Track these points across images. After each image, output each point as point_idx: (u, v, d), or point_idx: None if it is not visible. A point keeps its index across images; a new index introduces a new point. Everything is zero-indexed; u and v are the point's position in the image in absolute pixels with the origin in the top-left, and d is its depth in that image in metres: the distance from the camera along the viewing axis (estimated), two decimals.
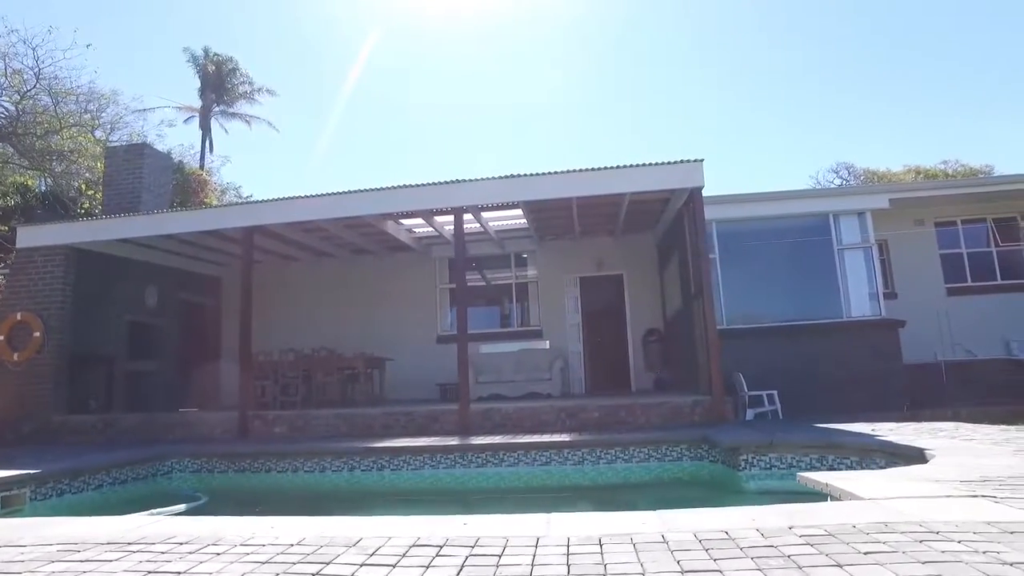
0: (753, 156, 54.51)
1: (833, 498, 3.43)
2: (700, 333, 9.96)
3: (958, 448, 4.99)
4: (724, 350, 11.72)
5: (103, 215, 11.97)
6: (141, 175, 12.25)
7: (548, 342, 13.47)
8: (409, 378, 13.31)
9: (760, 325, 12.13)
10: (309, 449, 7.82)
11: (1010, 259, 13.05)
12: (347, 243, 12.84)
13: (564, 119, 58.27)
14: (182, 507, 5.63)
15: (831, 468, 5.91)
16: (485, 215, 11.54)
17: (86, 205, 16.15)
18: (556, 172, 9.37)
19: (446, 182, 9.65)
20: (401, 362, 13.28)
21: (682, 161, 9.04)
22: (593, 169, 9.24)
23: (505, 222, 12.21)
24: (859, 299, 12.03)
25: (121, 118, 27.42)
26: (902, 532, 2.45)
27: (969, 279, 13.09)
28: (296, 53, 52.52)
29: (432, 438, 8.12)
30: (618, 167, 9.17)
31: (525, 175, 9.43)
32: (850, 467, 5.74)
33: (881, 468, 5.29)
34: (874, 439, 5.81)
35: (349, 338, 13.24)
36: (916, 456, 4.96)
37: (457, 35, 54.48)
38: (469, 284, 14.38)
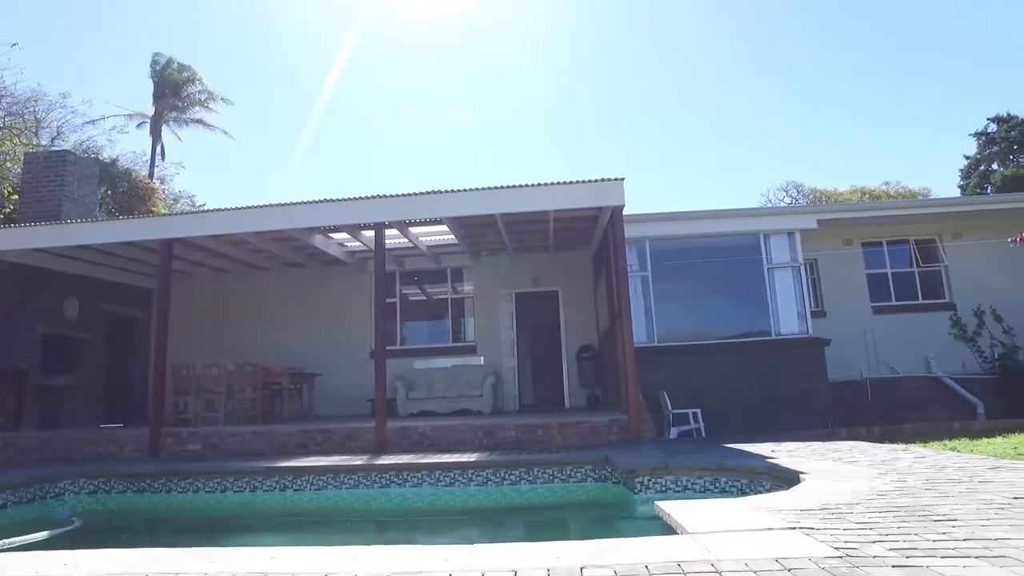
0: (710, 174, 55.44)
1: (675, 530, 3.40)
2: (620, 352, 9.98)
3: (831, 471, 5.03)
4: (655, 368, 11.84)
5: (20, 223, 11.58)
6: (63, 183, 11.89)
7: (482, 358, 13.40)
8: (343, 393, 13.13)
9: (691, 343, 12.24)
10: (211, 468, 7.61)
11: (930, 279, 13.40)
12: (279, 257, 12.63)
13: (540, 129, 58.61)
14: (45, 534, 5.37)
15: (723, 491, 5.94)
16: (415, 230, 11.46)
17: (7, 210, 15.62)
18: (478, 188, 9.34)
19: (367, 197, 9.56)
20: (335, 377, 13.10)
21: (603, 179, 9.07)
22: (514, 186, 9.23)
23: (438, 237, 12.14)
24: (788, 317, 12.22)
25: (67, 122, 26.76)
26: (688, 573, 2.42)
27: (893, 298, 13.40)
28: (264, 62, 51.96)
29: (337, 457, 7.97)
30: (539, 184, 9.18)
31: (447, 191, 9.37)
32: (740, 490, 5.76)
33: (766, 491, 5.30)
34: (764, 462, 5.85)
35: (283, 352, 13.02)
36: (793, 479, 5.00)
37: (433, 43, 54.49)
38: (411, 299, 14.47)
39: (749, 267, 12.43)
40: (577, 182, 9.11)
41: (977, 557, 2.48)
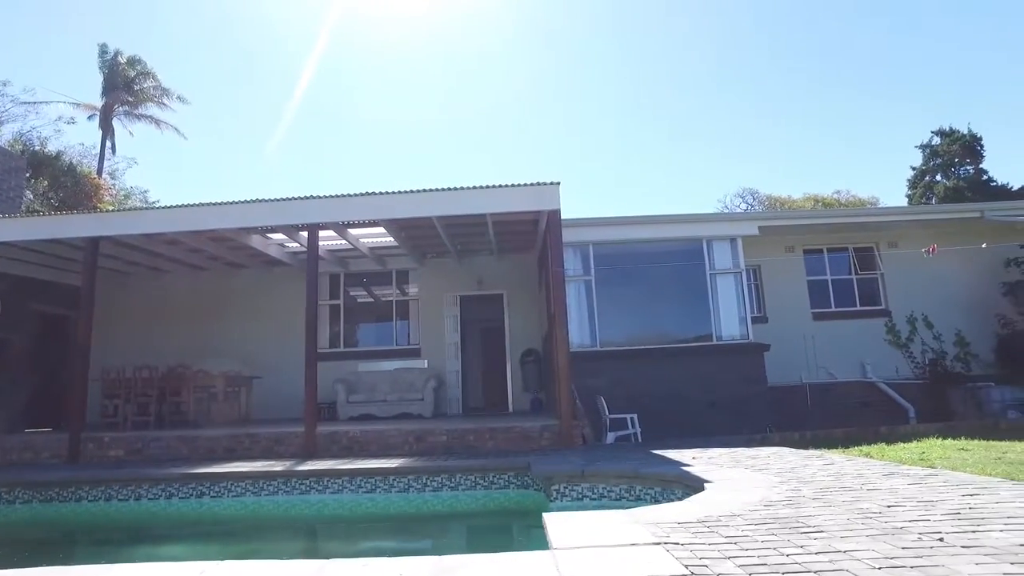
0: (669, 178, 56.08)
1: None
2: (555, 356, 9.96)
3: (736, 480, 5.06)
4: (597, 372, 11.87)
5: None
6: None
7: (426, 361, 13.29)
8: (286, 396, 12.86)
9: (634, 347, 12.28)
10: (125, 475, 7.36)
11: (868, 286, 13.68)
12: (219, 257, 12.34)
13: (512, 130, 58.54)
14: None
15: (637, 499, 5.93)
16: (356, 232, 11.32)
17: None
18: (412, 190, 9.24)
19: (300, 197, 9.39)
20: (277, 380, 12.86)
21: (538, 183, 9.04)
22: (449, 189, 9.16)
23: (381, 239, 12.00)
24: (729, 323, 12.35)
25: (7, 111, 25.87)
26: None
27: (833, 305, 13.64)
28: (229, 58, 50.96)
29: (258, 463, 7.79)
30: (475, 187, 9.12)
31: (381, 192, 9.25)
32: (653, 498, 5.75)
33: (677, 499, 5.29)
34: (677, 470, 5.86)
35: (225, 354, 12.76)
36: (698, 488, 5.02)
37: (402, 42, 54.06)
38: (356, 301, 14.27)
39: (692, 272, 12.53)
40: (513, 185, 9.08)
41: (816, 572, 2.48)
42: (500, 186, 9.10)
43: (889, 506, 3.71)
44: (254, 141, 55.46)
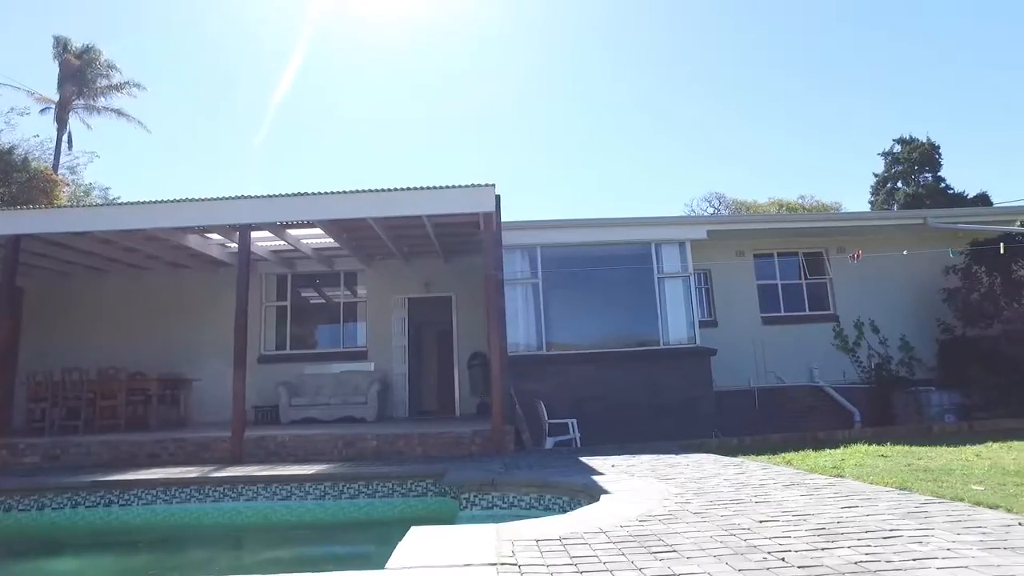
0: (640, 182, 56.36)
1: None
2: (498, 360, 9.84)
3: (636, 491, 4.98)
4: (544, 376, 11.77)
5: None
6: None
7: (372, 364, 13.09)
8: (227, 399, 12.58)
9: (581, 351, 12.21)
10: (27, 484, 7.09)
11: (817, 291, 13.74)
12: (158, 257, 12.04)
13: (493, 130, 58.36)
14: None
15: (547, 508, 5.84)
16: (297, 232, 11.10)
17: None
18: (347, 191, 9.07)
19: (231, 197, 9.18)
20: (221, 382, 12.49)
21: (473, 185, 8.92)
22: (383, 190, 9.01)
23: (325, 241, 11.77)
24: (677, 327, 12.31)
25: None
26: None
27: (782, 309, 13.67)
28: (204, 55, 50.19)
29: (175, 469, 7.59)
30: (408, 188, 8.98)
31: (315, 193, 9.08)
32: (562, 507, 5.65)
33: (582, 507, 5.20)
34: (585, 479, 5.76)
35: (167, 356, 12.53)
36: (597, 498, 4.92)
37: (385, 41, 53.63)
38: (302, 303, 14.02)
39: (640, 276, 12.48)
40: (447, 187, 8.95)
41: None
42: (434, 187, 8.97)
43: (762, 521, 3.63)
44: (238, 139, 54.71)
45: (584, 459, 7.61)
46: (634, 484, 5.29)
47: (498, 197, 10.30)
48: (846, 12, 46.30)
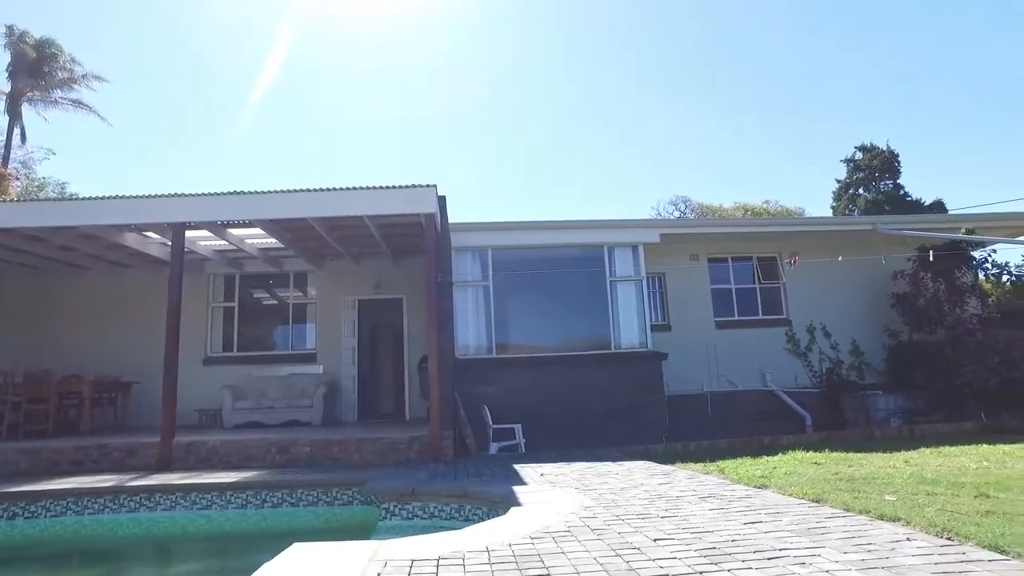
0: (608, 185, 56.60)
1: None
2: (438, 364, 9.66)
3: (546, 503, 4.85)
4: (494, 380, 11.61)
5: None
6: None
7: (321, 366, 12.82)
8: None
9: (532, 355, 12.08)
10: None
11: (771, 295, 13.77)
12: (99, 256, 11.63)
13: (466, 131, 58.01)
14: None
15: (466, 519, 5.68)
16: (239, 232, 10.79)
17: None
18: (284, 191, 8.84)
19: (165, 195, 8.88)
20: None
21: (413, 186, 8.74)
22: (320, 190, 8.79)
23: (270, 240, 11.48)
24: (629, 331, 12.24)
25: None
26: None
27: (736, 313, 13.69)
28: (182, 52, 49.17)
29: (89, 477, 7.27)
30: (347, 188, 8.78)
31: (251, 192, 8.83)
32: (481, 518, 5.48)
33: (494, 518, 5.06)
34: (503, 489, 5.63)
35: (107, 358, 12.14)
36: (508, 510, 4.79)
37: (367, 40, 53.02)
38: (251, 304, 13.69)
39: (593, 279, 12.38)
40: (387, 187, 8.75)
41: None
42: (374, 188, 8.77)
43: (656, 540, 3.51)
44: (216, 137, 53.73)
45: (520, 466, 7.48)
46: (550, 496, 5.16)
47: (443, 198, 10.15)
48: (814, 21, 46.92)
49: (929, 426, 10.50)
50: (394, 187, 8.75)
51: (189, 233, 10.46)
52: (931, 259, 11.88)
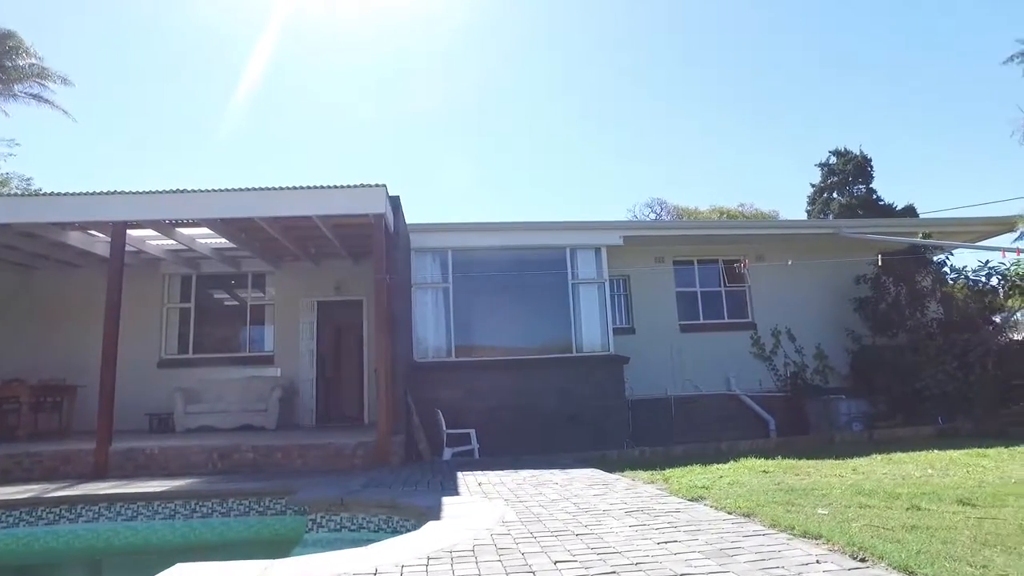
0: (585, 187, 56.63)
1: None
2: (388, 366, 9.44)
3: (463, 516, 4.66)
4: (452, 384, 11.41)
5: None
6: None
7: (279, 369, 12.55)
8: (122, 406, 11.83)
9: (492, 358, 11.90)
10: None
11: (736, 299, 13.69)
12: (44, 255, 11.28)
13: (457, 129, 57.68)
14: None
15: (395, 531, 5.46)
16: (190, 232, 10.51)
17: None
18: (229, 189, 8.59)
19: (105, 192, 8.60)
20: (116, 388, 11.84)
21: (361, 185, 8.53)
22: (267, 188, 8.55)
23: (223, 240, 11.19)
24: (591, 334, 12.10)
25: None
26: None
27: (701, 317, 13.58)
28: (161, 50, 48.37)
29: (17, 487, 6.97)
30: (292, 188, 8.54)
31: (194, 190, 8.57)
32: (408, 529, 5.28)
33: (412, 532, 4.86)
34: (429, 500, 5.44)
35: (54, 361, 11.75)
36: (428, 522, 4.60)
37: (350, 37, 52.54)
38: (208, 305, 13.35)
39: (555, 282, 12.23)
40: (333, 187, 8.55)
41: None
42: (321, 187, 8.55)
43: (558, 562, 3.33)
44: (199, 134, 52.97)
45: (464, 474, 7.29)
46: (474, 508, 4.97)
47: (396, 198, 9.98)
48: (791, 25, 47.21)
49: (888, 431, 10.46)
50: (341, 187, 8.54)
51: (137, 232, 10.25)
52: (887, 263, 11.85)
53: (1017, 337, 13.07)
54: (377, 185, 8.54)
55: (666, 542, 3.65)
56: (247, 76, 43.10)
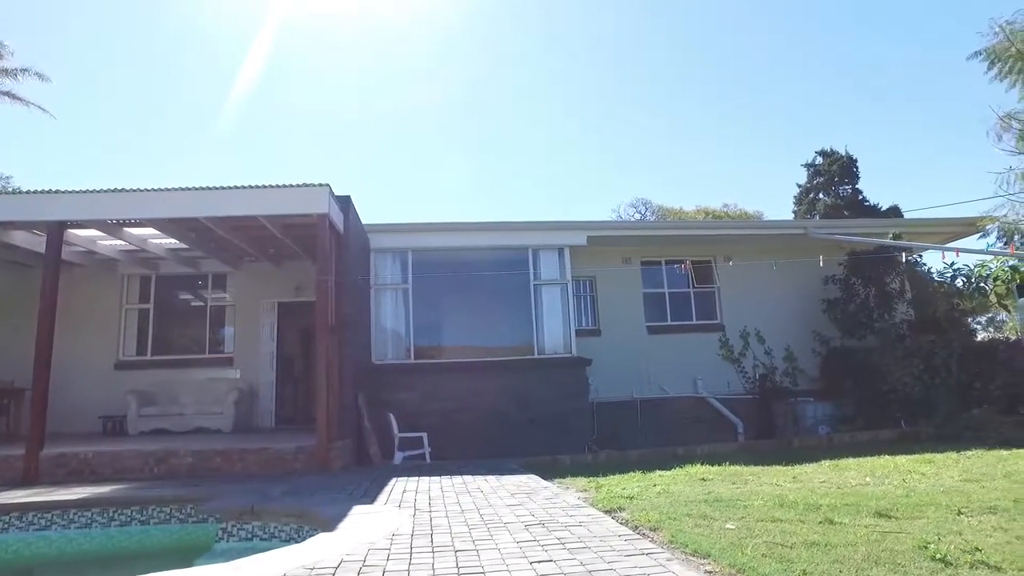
0: (573, 185, 56.46)
1: None
2: (332, 368, 9.26)
3: (367, 527, 4.48)
4: (410, 386, 11.24)
5: None
6: None
7: (238, 371, 12.37)
8: (78, 408, 11.72)
9: (451, 360, 11.72)
10: None
11: (705, 300, 13.51)
12: None
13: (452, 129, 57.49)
14: None
15: (304, 540, 5.28)
16: (139, 232, 10.31)
17: None
18: (168, 189, 8.40)
19: (42, 192, 8.41)
20: (67, 390, 11.65)
21: (304, 185, 8.35)
22: (207, 188, 8.37)
23: (175, 240, 11.00)
24: (553, 336, 11.92)
25: None
26: None
27: (669, 318, 13.40)
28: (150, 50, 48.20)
29: None
30: (233, 187, 8.38)
31: (134, 190, 8.38)
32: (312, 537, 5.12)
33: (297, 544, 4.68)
34: (338, 508, 5.25)
35: (2, 363, 11.53)
36: (316, 534, 4.42)
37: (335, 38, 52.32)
38: (167, 306, 13.15)
39: (517, 283, 12.04)
40: (276, 186, 8.36)
41: None
42: (262, 187, 8.37)
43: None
44: (194, 134, 52.80)
45: (399, 480, 7.13)
46: (378, 519, 4.79)
47: (347, 198, 9.79)
48: (783, 25, 47.04)
49: (849, 435, 10.27)
50: (283, 186, 8.36)
51: (84, 232, 10.07)
52: (855, 264, 11.68)
53: (993, 338, 12.92)
54: (320, 184, 8.37)
55: (540, 561, 3.47)
56: (241, 77, 42.91)
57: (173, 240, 10.94)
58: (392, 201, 55.56)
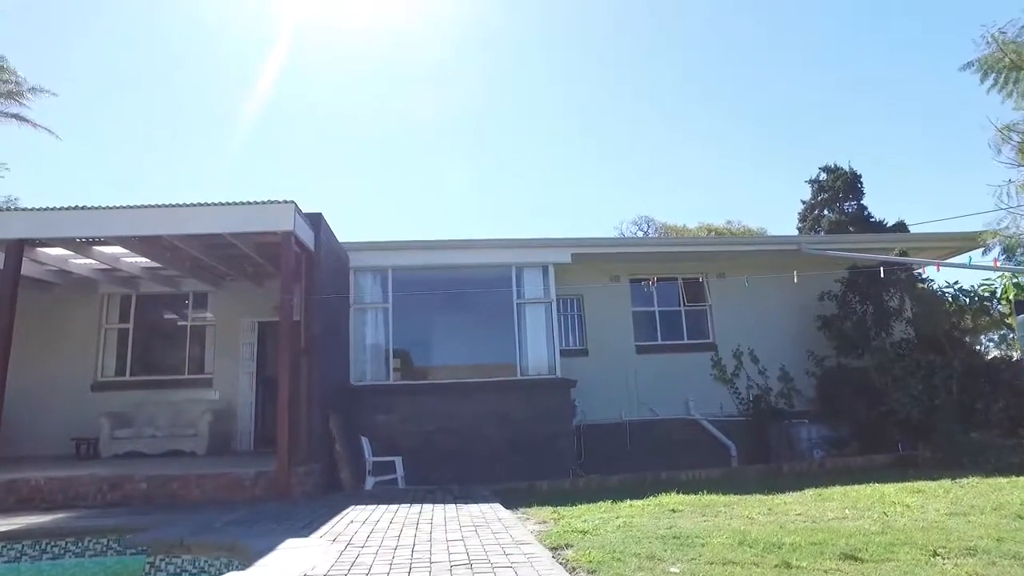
0: (574, 203, 56.29)
1: None
2: (304, 391, 8.99)
3: (289, 563, 4.14)
4: (389, 408, 10.93)
5: None
6: None
7: (218, 392, 12.10)
8: (49, 430, 11.47)
9: (431, 382, 11.44)
10: None
11: (696, 318, 13.11)
12: None
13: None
14: None
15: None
16: (110, 251, 10.11)
17: None
18: (129, 206, 8.20)
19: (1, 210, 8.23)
20: (42, 413, 11.45)
21: (269, 202, 8.12)
22: (169, 205, 8.16)
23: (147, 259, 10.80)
24: (537, 356, 11.58)
25: None
26: None
27: (659, 337, 13.00)
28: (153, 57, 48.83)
29: None
30: (196, 204, 8.15)
31: (95, 207, 8.19)
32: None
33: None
34: (268, 541, 4.91)
35: None
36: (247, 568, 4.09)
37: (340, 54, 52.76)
38: (146, 326, 12.92)
39: (499, 302, 11.72)
40: (238, 203, 8.15)
41: None
42: (227, 203, 8.15)
43: None
44: (208, 147, 53.28)
45: (354, 508, 6.82)
46: (300, 555, 4.45)
47: (318, 215, 9.58)
48: (785, 40, 46.83)
49: (843, 459, 9.82)
50: (247, 203, 8.14)
51: (54, 251, 9.89)
52: (853, 281, 11.26)
53: (994, 357, 12.42)
54: (285, 201, 8.14)
55: None
56: (256, 88, 43.24)
57: (146, 259, 10.76)
58: (395, 213, 55.41)
